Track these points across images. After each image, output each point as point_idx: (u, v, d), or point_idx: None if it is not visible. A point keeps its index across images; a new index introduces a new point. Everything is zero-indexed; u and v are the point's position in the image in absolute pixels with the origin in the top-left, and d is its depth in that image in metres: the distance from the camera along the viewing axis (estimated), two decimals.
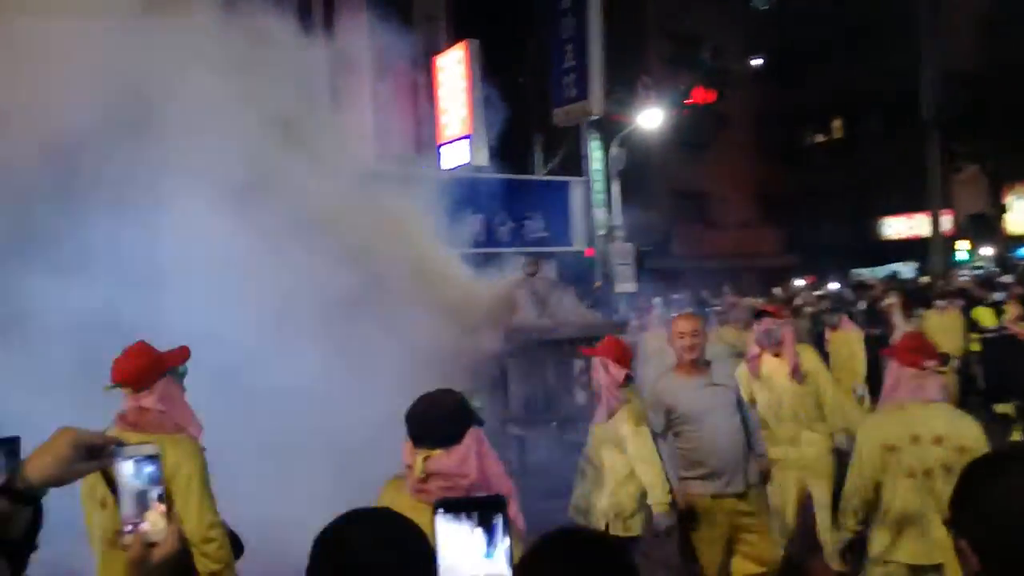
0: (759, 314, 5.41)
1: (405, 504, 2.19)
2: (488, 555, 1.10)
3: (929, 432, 3.34)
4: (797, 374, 5.09)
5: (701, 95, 15.44)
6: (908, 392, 3.44)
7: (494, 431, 6.07)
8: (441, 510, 1.13)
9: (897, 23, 22.71)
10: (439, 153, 14.43)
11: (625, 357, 4.27)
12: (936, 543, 3.33)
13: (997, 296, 9.84)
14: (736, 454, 4.13)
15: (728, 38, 25.41)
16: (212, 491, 3.09)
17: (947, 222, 22.73)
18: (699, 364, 4.20)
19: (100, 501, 3.05)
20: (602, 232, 14.22)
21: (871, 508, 3.50)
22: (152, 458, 1.23)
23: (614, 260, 14.04)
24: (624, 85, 15.45)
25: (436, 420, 2.26)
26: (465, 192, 11.77)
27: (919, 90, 20.79)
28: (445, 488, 2.20)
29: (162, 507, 1.23)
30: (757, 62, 24.70)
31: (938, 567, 3.37)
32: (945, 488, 3.17)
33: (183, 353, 3.28)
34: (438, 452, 2.20)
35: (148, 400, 3.12)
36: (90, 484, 3.03)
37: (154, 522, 1.22)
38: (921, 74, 20.71)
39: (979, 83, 21.84)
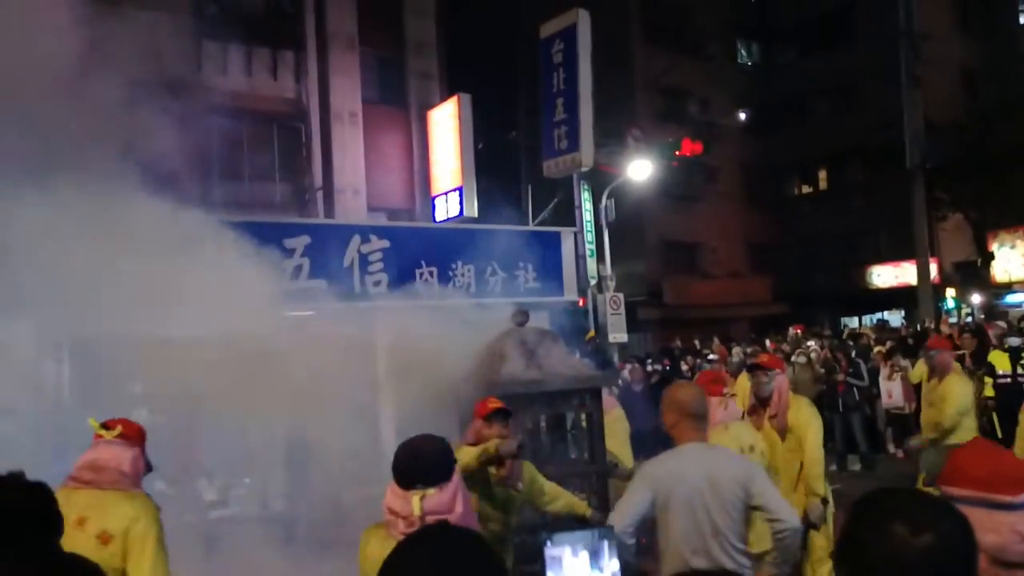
0: (750, 368, 5.33)
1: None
2: None
3: (748, 443, 4.30)
4: (780, 428, 4.89)
5: (689, 147, 15.76)
6: (721, 416, 4.27)
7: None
8: (548, 543, 1.21)
9: (878, 74, 23.28)
10: (433, 205, 14.61)
11: None
12: (758, 535, 3.77)
13: (1014, 341, 9.34)
14: None
15: (715, 93, 26.11)
16: (167, 552, 3.06)
17: (934, 270, 22.96)
18: None
19: None
20: (593, 282, 14.34)
21: None
22: None
23: (606, 310, 14.13)
24: (614, 137, 15.78)
25: (430, 460, 2.32)
26: (457, 243, 11.90)
27: (904, 139, 21.22)
28: None
29: None
30: (743, 116, 25.27)
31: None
32: None
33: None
34: (432, 491, 2.24)
35: (120, 454, 3.16)
36: None
37: None
38: (905, 124, 21.16)
39: (960, 132, 22.34)
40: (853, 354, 11.41)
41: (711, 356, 12.88)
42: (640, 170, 15.20)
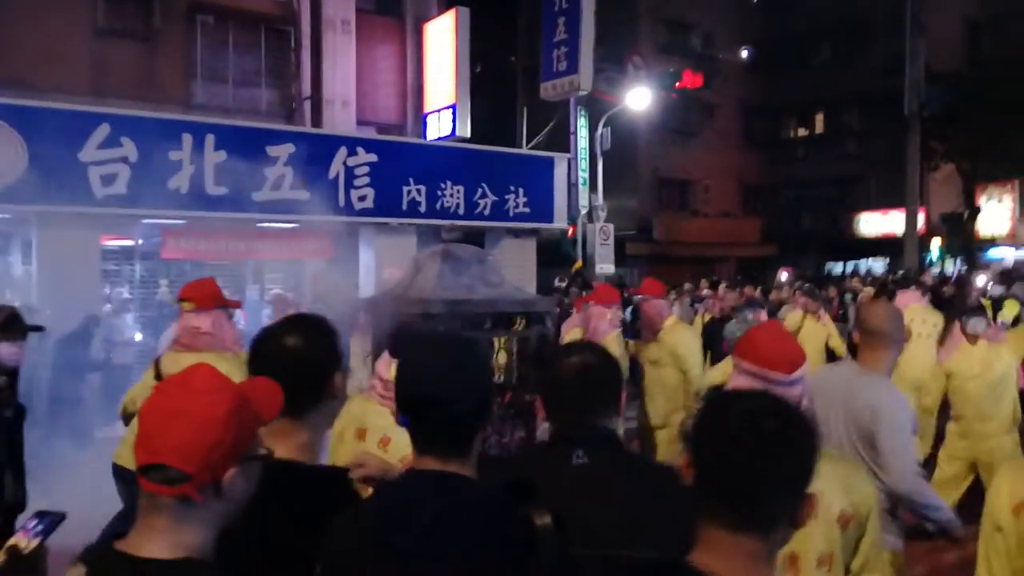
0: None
1: (371, 408, 2.69)
2: None
3: None
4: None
5: (690, 79, 15.37)
6: None
7: None
8: None
9: (883, 21, 22.76)
10: (425, 122, 14.18)
11: None
12: None
13: (996, 292, 9.30)
14: None
15: (719, 27, 25.40)
16: None
17: (921, 220, 22.87)
18: None
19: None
20: (584, 211, 14.11)
21: None
22: None
23: (595, 240, 13.95)
24: (614, 64, 15.33)
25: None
26: (447, 162, 11.58)
27: (903, 87, 20.85)
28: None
29: None
30: (745, 53, 24.68)
31: None
32: None
33: (237, 303, 3.97)
34: None
35: (200, 321, 3.62)
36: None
37: None
38: (907, 71, 20.75)
39: (960, 82, 21.98)
40: (846, 298, 11.31)
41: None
42: (639, 99, 14.81)
